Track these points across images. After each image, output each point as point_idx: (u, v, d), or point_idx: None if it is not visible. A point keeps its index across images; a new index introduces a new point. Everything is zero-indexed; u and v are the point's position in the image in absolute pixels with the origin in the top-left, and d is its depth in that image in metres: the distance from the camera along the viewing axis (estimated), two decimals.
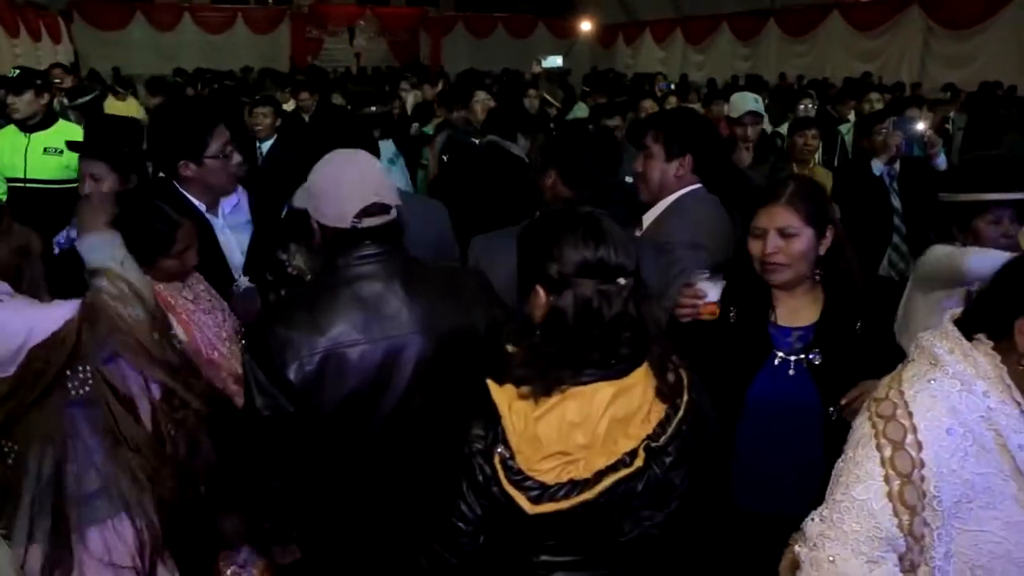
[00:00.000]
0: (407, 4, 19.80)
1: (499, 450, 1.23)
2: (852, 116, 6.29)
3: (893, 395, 1.21)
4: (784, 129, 4.96)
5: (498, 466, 1.23)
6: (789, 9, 14.97)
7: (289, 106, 6.65)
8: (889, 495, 1.16)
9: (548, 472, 1.21)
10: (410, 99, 9.04)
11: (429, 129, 6.02)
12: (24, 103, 3.70)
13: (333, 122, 2.57)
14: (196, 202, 2.34)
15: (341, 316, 1.58)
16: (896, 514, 1.16)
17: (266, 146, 4.68)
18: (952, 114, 7.33)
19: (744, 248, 1.79)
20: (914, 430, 1.16)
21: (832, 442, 1.63)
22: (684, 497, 1.33)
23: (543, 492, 1.21)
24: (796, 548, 1.25)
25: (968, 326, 1.21)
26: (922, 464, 1.15)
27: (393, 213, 1.63)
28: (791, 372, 1.74)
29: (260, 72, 11.15)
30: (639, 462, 1.24)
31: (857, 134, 5.77)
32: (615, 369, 1.27)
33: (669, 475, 1.29)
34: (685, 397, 1.31)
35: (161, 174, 2.47)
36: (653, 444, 1.25)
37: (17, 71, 3.90)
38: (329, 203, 1.59)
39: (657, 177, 2.29)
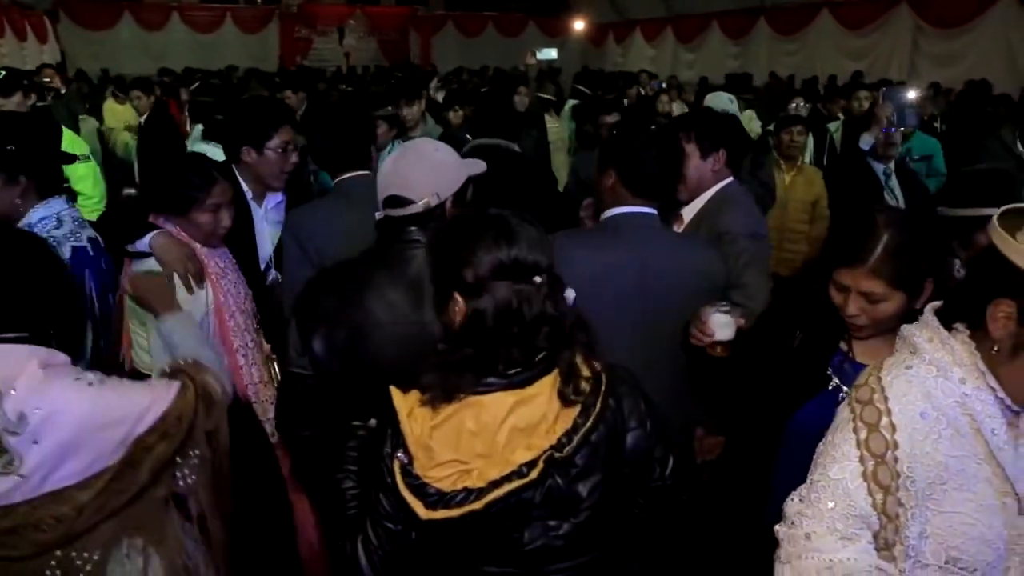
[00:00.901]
0: (397, 3, 19.75)
1: (399, 455, 1.24)
2: (842, 115, 6.34)
3: (872, 381, 1.25)
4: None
5: (397, 471, 1.23)
6: (779, 8, 15.00)
7: None
8: (864, 475, 1.20)
9: (444, 480, 1.22)
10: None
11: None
12: (13, 105, 3.69)
13: (327, 119, 2.55)
14: (245, 188, 2.56)
15: (375, 296, 1.66)
16: (870, 493, 1.19)
17: None
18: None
19: (818, 271, 1.65)
20: (888, 413, 1.20)
21: None
22: (596, 508, 1.30)
23: (440, 499, 1.21)
24: (776, 527, 1.28)
25: (948, 316, 1.25)
26: (896, 445, 1.19)
27: (415, 207, 1.68)
28: None
29: (246, 72, 11.09)
30: (535, 473, 1.21)
31: (846, 133, 5.81)
32: (518, 378, 1.25)
33: (574, 486, 1.27)
34: (598, 406, 1.27)
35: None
36: (556, 455, 1.23)
37: (3, 72, 3.88)
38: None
39: (695, 175, 2.37)
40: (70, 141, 3.45)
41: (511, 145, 3.58)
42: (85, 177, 3.57)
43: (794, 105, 5.48)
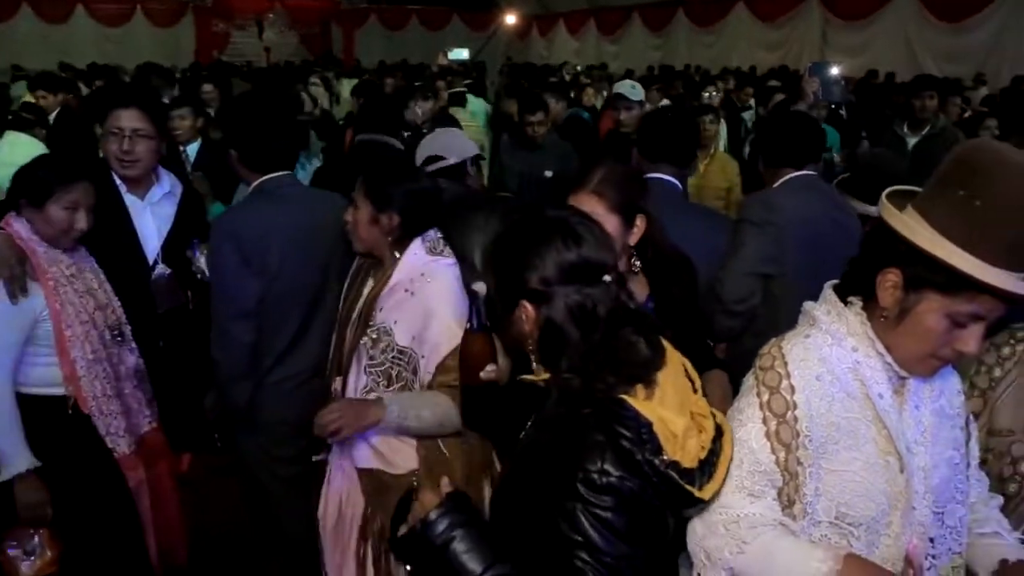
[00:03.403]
0: None
1: (663, 457, 1.17)
2: (753, 103, 6.56)
3: (774, 351, 1.32)
4: None
5: (670, 472, 1.18)
6: (697, 0, 15.39)
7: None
8: (767, 434, 1.27)
9: (695, 458, 1.21)
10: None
11: None
12: None
13: (253, 120, 2.46)
14: (119, 182, 2.47)
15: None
16: (774, 451, 1.27)
17: (191, 149, 4.31)
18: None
19: None
20: (788, 376, 1.27)
21: None
22: None
23: (694, 476, 1.20)
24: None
25: (844, 290, 1.33)
26: (795, 406, 1.26)
27: (449, 161, 2.70)
28: None
29: (144, 66, 10.62)
30: (721, 420, 1.30)
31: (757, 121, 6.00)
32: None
33: None
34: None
35: None
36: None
37: None
38: None
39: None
40: None
41: (393, 141, 3.58)
42: None
43: (707, 95, 5.63)
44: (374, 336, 1.89)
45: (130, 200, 2.51)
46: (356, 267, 2.10)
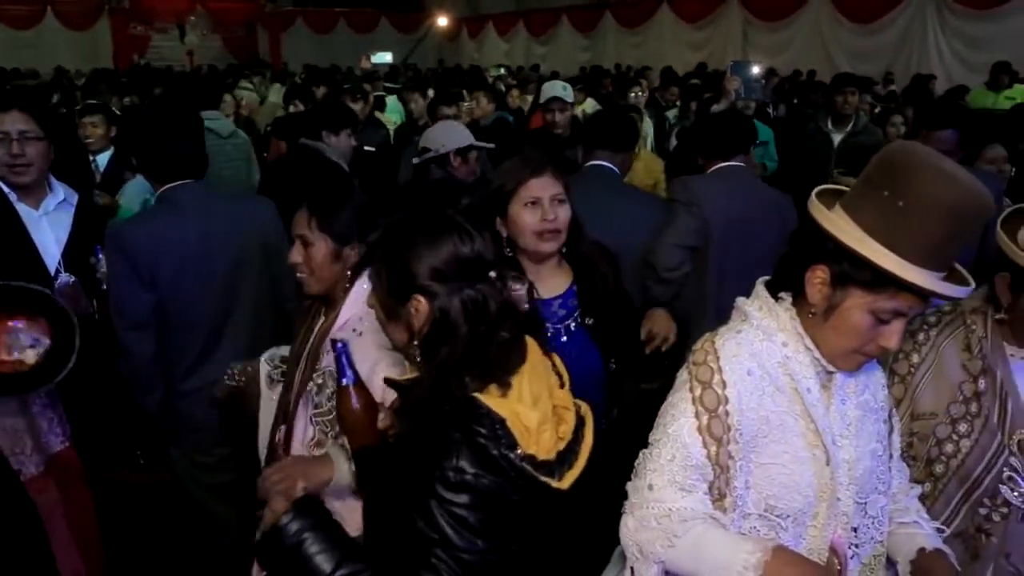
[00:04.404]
0: None
1: (517, 451, 1.18)
2: (679, 102, 6.67)
3: (707, 346, 1.34)
4: None
5: (524, 466, 1.18)
6: (623, 2, 15.65)
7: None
8: (699, 428, 1.28)
9: (551, 450, 1.23)
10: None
11: None
12: None
13: (153, 125, 2.36)
14: (7, 190, 2.38)
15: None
16: (705, 445, 1.28)
17: (101, 158, 4.11)
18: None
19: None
20: (720, 371, 1.29)
21: (611, 392, 2.02)
22: None
23: (554, 465, 1.22)
24: (628, 483, 1.36)
25: (775, 287, 1.35)
26: (726, 400, 1.28)
27: (432, 153, 3.18)
28: (564, 339, 1.94)
29: (92, 74, 10.18)
30: (585, 411, 1.31)
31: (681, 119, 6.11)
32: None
33: None
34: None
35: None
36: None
37: None
38: None
39: None
40: None
41: (322, 147, 3.54)
42: None
43: (633, 95, 5.71)
44: (319, 382, 1.71)
45: (24, 210, 2.42)
46: (307, 304, 1.89)
